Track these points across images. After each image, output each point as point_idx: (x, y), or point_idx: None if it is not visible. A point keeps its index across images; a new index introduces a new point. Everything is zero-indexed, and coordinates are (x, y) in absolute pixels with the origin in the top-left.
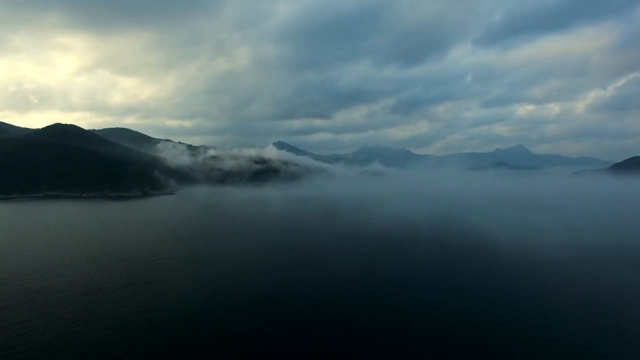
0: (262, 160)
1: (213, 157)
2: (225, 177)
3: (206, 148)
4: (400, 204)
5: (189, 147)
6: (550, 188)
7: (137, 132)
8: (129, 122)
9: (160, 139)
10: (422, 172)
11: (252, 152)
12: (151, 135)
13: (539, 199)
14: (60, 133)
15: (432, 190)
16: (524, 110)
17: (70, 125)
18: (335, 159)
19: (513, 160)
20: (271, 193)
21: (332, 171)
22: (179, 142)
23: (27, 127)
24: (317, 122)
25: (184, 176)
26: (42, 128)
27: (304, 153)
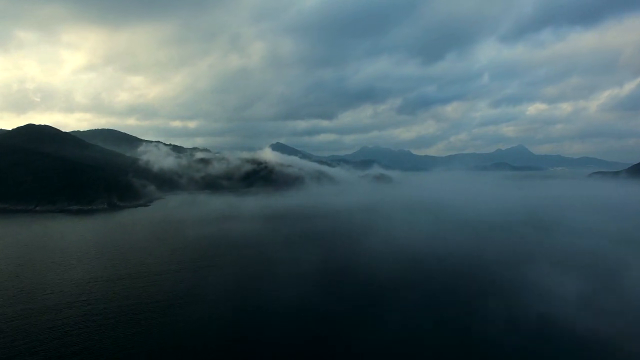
0: (256, 164)
1: (201, 160)
2: (213, 182)
3: (193, 150)
4: (417, 225)
5: (175, 148)
6: (581, 196)
7: (124, 133)
8: (131, 123)
9: (145, 140)
10: (426, 176)
11: (245, 155)
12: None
13: (585, 215)
14: (30, 135)
15: (447, 201)
16: (535, 109)
17: (44, 125)
18: (336, 160)
19: (514, 160)
20: (255, 202)
21: (332, 175)
22: (166, 144)
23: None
24: (324, 123)
25: (166, 181)
26: (12, 130)
27: (304, 155)
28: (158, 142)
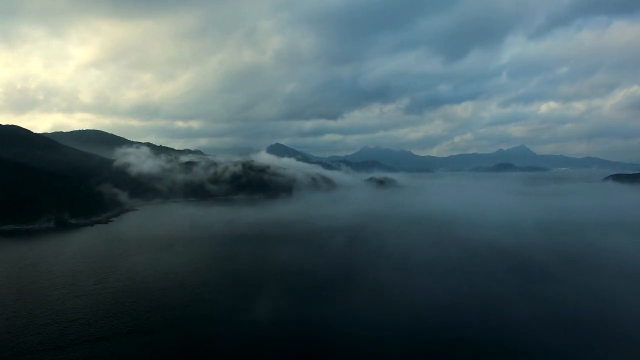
0: (247, 168)
1: (187, 164)
2: (197, 189)
3: (183, 152)
4: (420, 258)
5: (162, 150)
6: (611, 206)
7: (111, 134)
8: (133, 123)
9: (134, 142)
10: (430, 179)
11: (238, 158)
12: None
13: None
14: None
15: (457, 215)
16: (547, 108)
17: (11, 126)
18: (336, 162)
19: (516, 161)
20: (232, 215)
21: (330, 178)
22: (156, 145)
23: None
24: (329, 123)
25: (144, 188)
26: None
27: (304, 156)
28: (145, 143)
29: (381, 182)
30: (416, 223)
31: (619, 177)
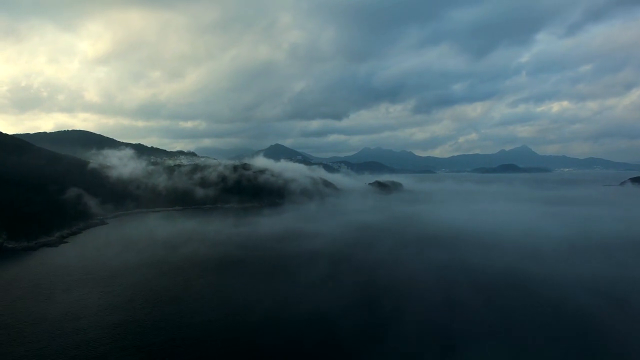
0: (240, 172)
1: (173, 167)
2: (183, 196)
3: (176, 154)
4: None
5: (149, 152)
6: None
7: (99, 134)
8: (137, 124)
9: (124, 143)
10: (437, 183)
11: (232, 162)
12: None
13: None
14: None
15: (486, 240)
16: (559, 107)
17: None
18: (337, 163)
19: (518, 162)
20: (204, 229)
21: (330, 181)
22: (139, 144)
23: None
24: (336, 124)
25: (121, 196)
26: None
27: (305, 157)
28: (135, 144)
29: (385, 186)
30: (421, 245)
31: (639, 180)
